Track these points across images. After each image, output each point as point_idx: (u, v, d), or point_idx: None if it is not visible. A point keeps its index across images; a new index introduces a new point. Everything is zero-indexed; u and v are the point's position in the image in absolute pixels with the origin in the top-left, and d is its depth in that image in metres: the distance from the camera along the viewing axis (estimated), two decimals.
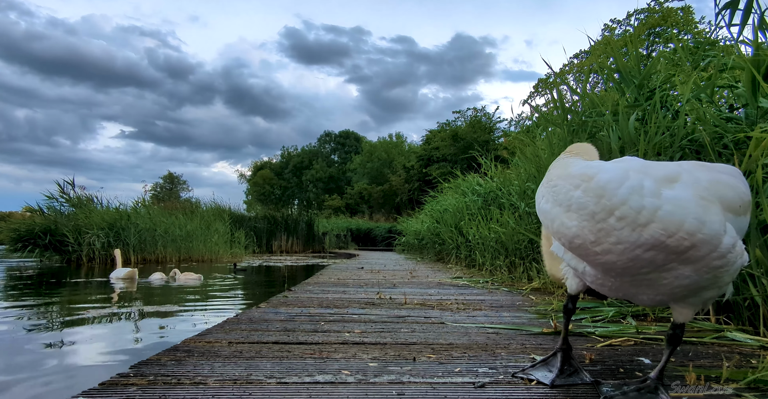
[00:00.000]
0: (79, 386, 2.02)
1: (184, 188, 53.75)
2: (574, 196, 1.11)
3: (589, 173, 1.11)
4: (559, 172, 1.21)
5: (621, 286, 1.22)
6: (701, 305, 1.23)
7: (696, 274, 1.10)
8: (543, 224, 1.23)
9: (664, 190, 1.08)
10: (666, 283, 1.14)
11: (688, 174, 1.14)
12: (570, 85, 4.13)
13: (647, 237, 1.05)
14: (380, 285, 4.23)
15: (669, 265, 1.09)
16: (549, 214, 1.18)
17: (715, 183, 1.15)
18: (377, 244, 24.01)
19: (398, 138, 50.16)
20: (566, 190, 1.13)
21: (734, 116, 2.54)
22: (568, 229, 1.12)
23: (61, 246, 11.57)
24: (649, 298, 1.22)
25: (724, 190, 1.14)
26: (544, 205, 1.21)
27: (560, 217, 1.14)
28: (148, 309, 4.39)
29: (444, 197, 8.98)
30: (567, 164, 1.23)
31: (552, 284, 3.78)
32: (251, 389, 1.23)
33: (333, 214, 36.05)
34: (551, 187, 1.20)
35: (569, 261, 1.33)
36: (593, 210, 1.07)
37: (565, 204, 1.13)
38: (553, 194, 1.17)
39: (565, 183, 1.15)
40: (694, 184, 1.11)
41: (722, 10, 2.63)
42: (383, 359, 1.56)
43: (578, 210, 1.10)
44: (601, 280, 1.25)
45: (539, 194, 1.27)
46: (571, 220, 1.11)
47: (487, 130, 31.75)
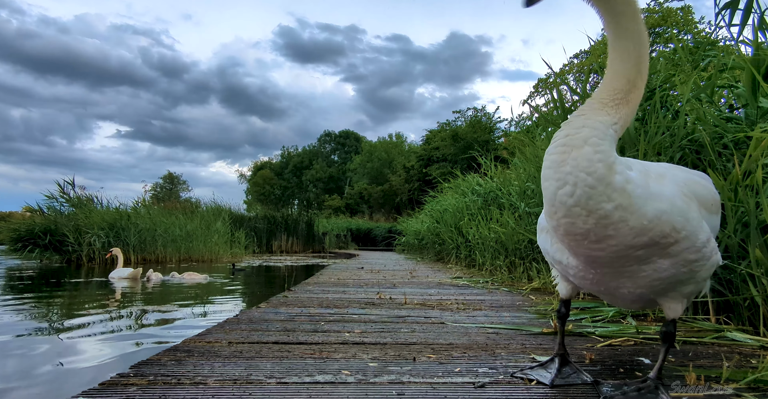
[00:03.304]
0: (79, 386, 2.02)
1: (184, 188, 53.85)
2: (604, 208, 1.06)
3: (628, 190, 1.07)
4: (602, 173, 1.07)
5: (602, 279, 1.25)
6: (684, 300, 1.28)
7: (673, 268, 1.16)
8: (548, 207, 1.15)
9: (663, 187, 1.12)
10: (644, 275, 1.19)
11: (669, 171, 1.23)
12: (570, 85, 4.13)
13: (646, 240, 1.10)
14: (380, 285, 4.23)
15: (650, 258, 1.15)
16: (567, 211, 1.11)
17: (690, 181, 1.23)
18: (377, 244, 24.00)
19: (398, 138, 50.17)
20: (601, 201, 1.06)
21: (734, 116, 2.54)
22: (578, 228, 1.11)
23: (61, 246, 11.56)
24: (629, 291, 1.25)
25: (698, 188, 1.23)
26: (565, 198, 1.10)
27: (576, 217, 1.10)
28: (148, 309, 4.39)
29: (444, 197, 8.98)
30: (611, 164, 1.08)
31: (552, 284, 3.78)
32: (251, 389, 1.23)
33: (333, 214, 36.02)
34: (587, 187, 1.07)
35: (554, 254, 1.34)
36: (613, 221, 1.07)
37: (588, 209, 1.08)
38: (585, 196, 1.08)
39: (603, 192, 1.06)
40: (675, 179, 1.19)
41: (722, 10, 2.63)
42: (383, 359, 1.56)
43: (599, 218, 1.07)
44: (582, 273, 1.27)
45: (556, 169, 1.12)
46: (585, 223, 1.09)
47: (487, 130, 31.73)
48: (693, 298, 1.37)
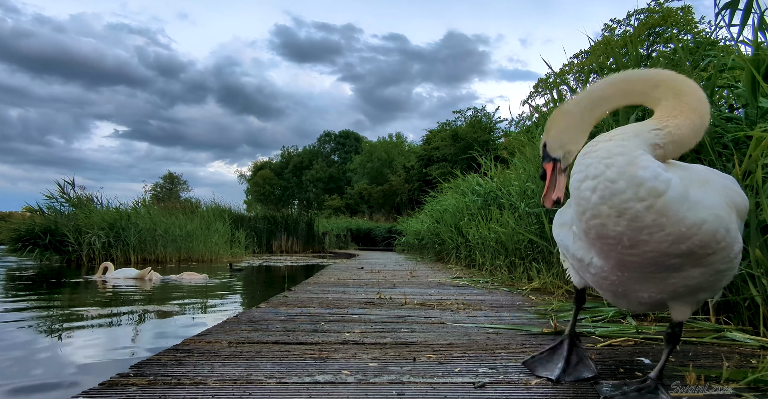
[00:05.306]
0: (79, 386, 2.03)
1: (184, 188, 53.86)
2: (634, 208, 1.01)
3: (660, 189, 1.00)
4: (623, 165, 1.03)
5: (626, 282, 1.20)
6: (696, 305, 1.26)
7: (702, 276, 1.12)
8: (576, 206, 1.10)
9: (705, 195, 1.06)
10: (672, 282, 1.15)
11: (712, 176, 1.16)
12: (570, 85, 4.13)
13: (684, 248, 1.04)
14: (380, 285, 4.23)
15: (683, 267, 1.10)
16: (593, 210, 1.06)
17: (730, 190, 1.17)
18: (377, 244, 23.99)
19: (398, 138, 50.16)
20: (627, 198, 1.01)
21: (734, 116, 2.55)
22: (609, 231, 1.05)
23: (61, 246, 11.55)
24: (650, 295, 1.21)
25: (736, 197, 1.16)
26: (588, 193, 1.06)
27: (606, 218, 1.04)
28: (148, 309, 4.39)
29: (444, 197, 8.98)
30: (634, 158, 1.04)
31: (552, 284, 3.78)
32: (251, 389, 1.23)
33: (333, 214, 36.03)
34: (608, 181, 1.03)
35: (575, 252, 1.28)
36: (647, 224, 1.02)
37: (617, 209, 1.03)
38: (608, 191, 1.03)
39: (627, 188, 1.01)
40: (720, 189, 1.12)
41: (722, 10, 2.63)
42: (383, 359, 1.56)
43: (631, 221, 1.02)
44: (606, 274, 1.21)
45: (584, 169, 1.09)
46: (617, 225, 1.04)
47: (487, 130, 31.72)
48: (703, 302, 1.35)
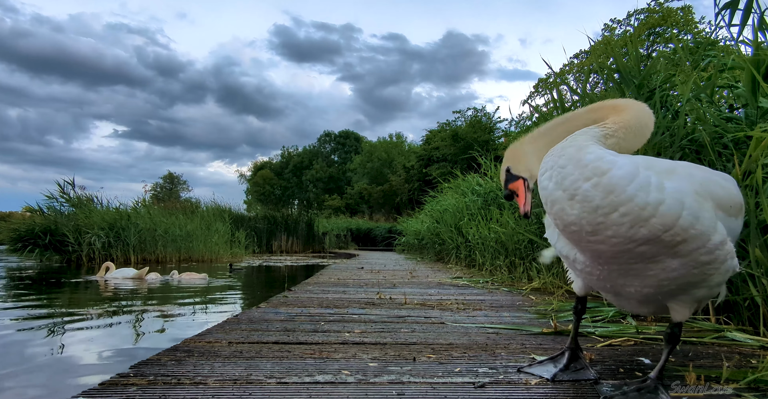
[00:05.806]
0: (79, 386, 2.03)
1: (184, 188, 53.85)
2: (582, 188, 1.08)
3: (603, 168, 1.08)
4: (571, 153, 1.14)
5: (609, 276, 1.23)
6: (695, 304, 1.26)
7: (683, 268, 1.14)
8: (541, 199, 1.19)
9: (666, 181, 1.10)
10: (652, 274, 1.17)
11: (683, 168, 1.19)
12: (570, 85, 4.13)
13: (645, 232, 1.07)
14: (380, 285, 4.23)
15: (657, 257, 1.12)
16: (550, 196, 1.15)
17: (708, 181, 1.19)
18: (377, 244, 23.98)
19: (398, 138, 50.15)
20: (574, 179, 1.10)
21: (734, 116, 2.55)
22: (568, 216, 1.11)
23: (61, 246, 11.55)
24: (636, 290, 1.23)
25: (715, 189, 1.18)
26: (546, 182, 1.17)
27: (562, 202, 1.12)
28: (148, 309, 4.39)
29: (444, 197, 8.97)
30: (582, 146, 1.15)
31: (552, 284, 3.78)
32: (251, 389, 1.23)
33: (333, 214, 36.02)
34: (559, 167, 1.14)
35: (561, 249, 1.33)
36: (599, 204, 1.07)
37: (570, 191, 1.10)
38: (560, 176, 1.13)
39: (574, 170, 1.11)
40: (689, 177, 1.15)
41: (722, 10, 2.63)
42: (383, 359, 1.56)
43: (583, 201, 1.08)
44: (589, 269, 1.26)
45: (544, 165, 1.20)
46: (572, 208, 1.10)
47: (487, 130, 31.71)
48: (704, 303, 1.34)
